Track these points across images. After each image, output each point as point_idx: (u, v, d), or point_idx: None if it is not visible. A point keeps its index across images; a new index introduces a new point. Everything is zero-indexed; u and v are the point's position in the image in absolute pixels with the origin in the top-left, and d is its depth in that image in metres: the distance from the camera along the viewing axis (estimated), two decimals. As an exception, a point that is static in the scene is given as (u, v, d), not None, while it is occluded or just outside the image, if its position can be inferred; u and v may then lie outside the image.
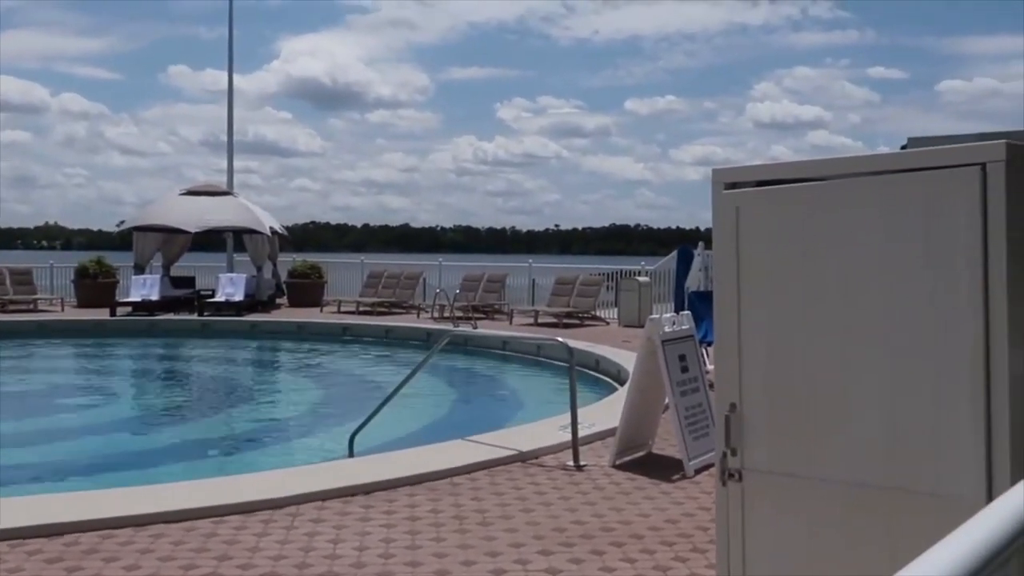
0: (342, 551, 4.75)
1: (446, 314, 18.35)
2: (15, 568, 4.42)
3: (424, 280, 21.40)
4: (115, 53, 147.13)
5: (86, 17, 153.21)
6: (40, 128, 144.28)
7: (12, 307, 19.86)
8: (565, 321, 17.87)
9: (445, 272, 21.98)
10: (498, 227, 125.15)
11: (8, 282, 20.46)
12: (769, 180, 3.08)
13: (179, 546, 4.77)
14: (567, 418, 7.06)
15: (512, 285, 20.64)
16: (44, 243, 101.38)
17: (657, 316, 6.93)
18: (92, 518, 5.06)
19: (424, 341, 16.03)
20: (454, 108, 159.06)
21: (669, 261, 18.36)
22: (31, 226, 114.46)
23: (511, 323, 18.29)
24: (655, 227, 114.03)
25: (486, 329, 16.26)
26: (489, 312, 19.50)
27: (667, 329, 6.75)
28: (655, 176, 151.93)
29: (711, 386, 7.39)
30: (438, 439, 7.65)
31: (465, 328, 15.81)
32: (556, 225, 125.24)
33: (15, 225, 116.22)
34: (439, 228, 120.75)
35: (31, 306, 20.18)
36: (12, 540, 4.78)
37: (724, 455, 3.08)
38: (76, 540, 4.82)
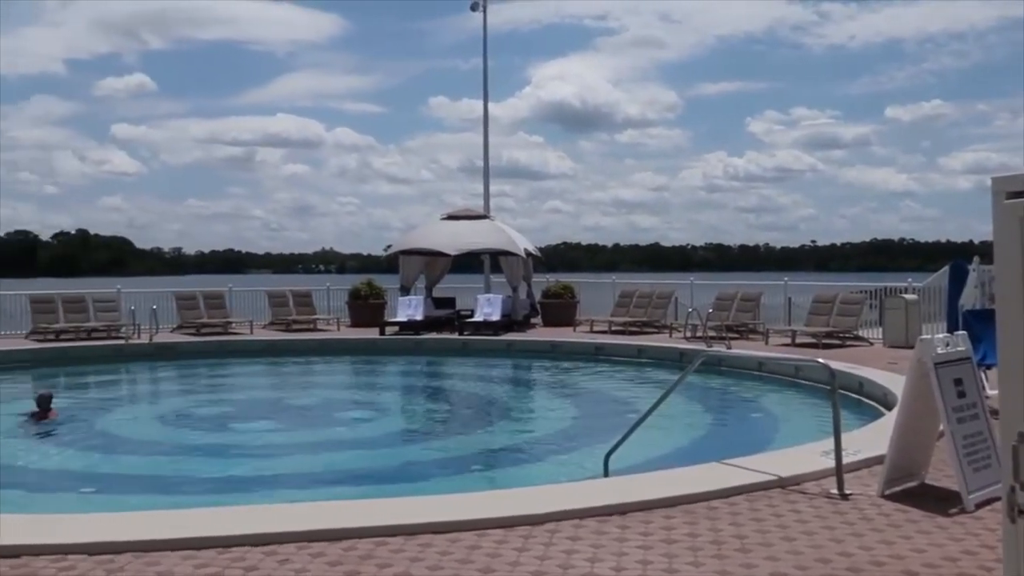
0: (600, 570, 4.79)
1: (699, 334, 18.07)
2: (301, 569, 4.81)
3: (676, 299, 21.20)
4: (381, 89, 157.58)
5: (354, 57, 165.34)
6: (316, 161, 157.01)
7: (296, 327, 21.68)
8: (825, 341, 17.10)
9: (697, 291, 21.68)
10: (751, 244, 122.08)
11: (291, 304, 22.40)
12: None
13: (445, 556, 5.00)
14: (829, 443, 6.75)
15: (767, 304, 20.02)
16: (321, 267, 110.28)
17: (928, 336, 6.48)
18: (368, 525, 5.42)
19: (677, 361, 15.89)
20: (703, 124, 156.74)
21: (940, 277, 17.13)
22: (310, 251, 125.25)
23: (767, 343, 17.74)
24: (922, 241, 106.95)
25: (741, 349, 15.87)
26: (743, 332, 19.02)
27: (940, 350, 6.30)
28: (921, 187, 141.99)
29: (993, 413, 6.81)
30: (693, 461, 7.55)
31: (719, 348, 15.53)
32: (812, 241, 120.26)
33: (296, 251, 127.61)
34: (690, 246, 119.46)
35: (311, 326, 21.94)
36: (300, 543, 5.20)
37: (1012, 489, 2.83)
38: (354, 545, 5.18)
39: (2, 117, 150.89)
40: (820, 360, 7.93)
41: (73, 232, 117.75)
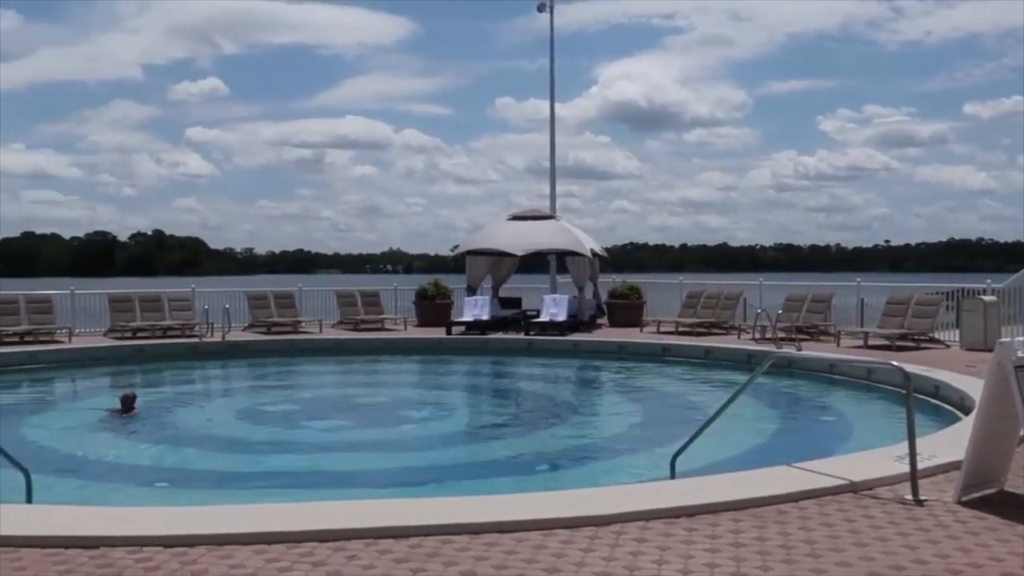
0: (666, 572, 4.75)
1: (768, 335, 17.82)
2: (368, 565, 4.86)
3: (744, 300, 20.94)
4: (448, 90, 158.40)
5: (421, 59, 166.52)
6: (384, 163, 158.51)
7: (364, 326, 21.95)
8: (898, 344, 16.71)
9: (766, 292, 21.36)
10: (821, 244, 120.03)
11: (360, 303, 22.68)
12: None
13: (511, 555, 5.00)
14: (903, 448, 6.58)
15: (838, 305, 19.66)
16: (388, 267, 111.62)
17: (1008, 339, 6.28)
18: (434, 523, 5.44)
19: (745, 362, 15.69)
20: (773, 123, 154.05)
21: (1020, 278, 16.67)
22: (377, 252, 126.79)
23: (838, 345, 17.41)
24: (1001, 241, 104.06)
25: (811, 351, 15.60)
26: (814, 334, 18.70)
27: (1021, 353, 6.10)
28: (1001, 185, 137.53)
29: (1077, 418, 6.58)
30: (761, 464, 7.44)
31: (788, 350, 15.28)
32: (886, 241, 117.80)
33: (364, 251, 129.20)
34: (758, 247, 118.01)
35: (379, 325, 22.18)
36: (367, 539, 5.26)
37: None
38: (420, 543, 5.21)
39: (84, 121, 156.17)
40: (894, 362, 7.75)
41: (149, 233, 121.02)
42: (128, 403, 11.98)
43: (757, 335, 18.39)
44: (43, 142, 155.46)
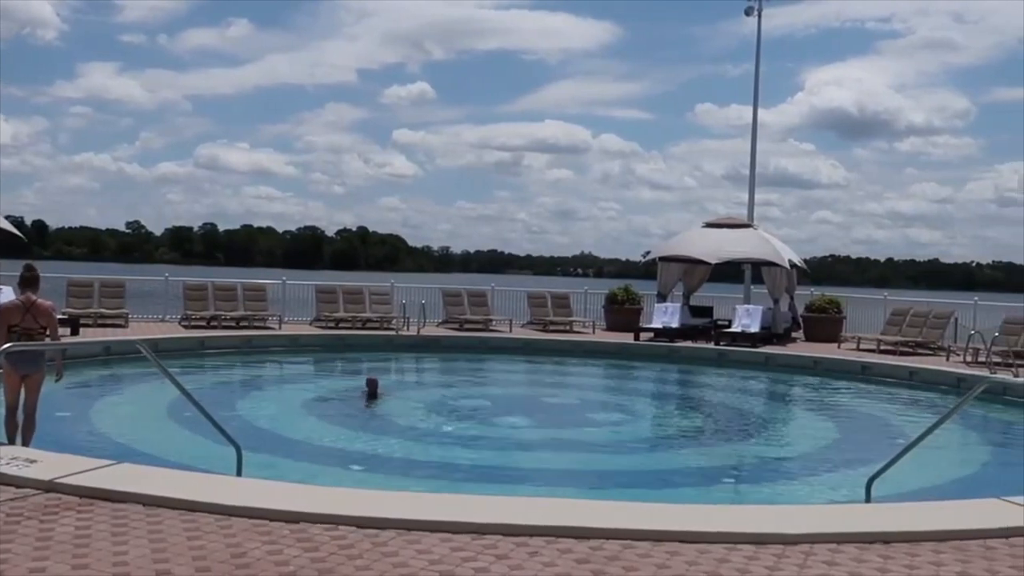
0: (857, 599, 4.53)
1: (981, 359, 16.65)
2: (549, 563, 4.90)
3: (956, 320, 19.67)
4: (648, 96, 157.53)
5: (624, 64, 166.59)
6: (580, 167, 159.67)
7: (552, 327, 22.16)
8: None
9: (981, 313, 20.03)
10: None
11: (550, 305, 22.91)
12: None
13: (692, 567, 4.90)
14: None
15: (1065, 331, 18.09)
16: (579, 271, 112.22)
17: None
18: (616, 527, 5.42)
19: (954, 387, 14.83)
20: (998, 132, 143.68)
21: None
22: (569, 255, 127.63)
23: (1062, 374, 16.04)
24: None
25: (1030, 378, 14.46)
26: (1034, 360, 17.30)
27: None
28: None
29: None
30: (968, 495, 6.98)
31: (1004, 376, 14.23)
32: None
33: (556, 254, 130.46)
34: (974, 264, 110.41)
35: (567, 327, 22.33)
36: (548, 537, 5.30)
37: None
38: (601, 545, 5.20)
39: (302, 123, 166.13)
40: None
41: (354, 229, 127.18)
42: (372, 387, 12.86)
43: (969, 358, 17.25)
44: (265, 142, 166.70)
